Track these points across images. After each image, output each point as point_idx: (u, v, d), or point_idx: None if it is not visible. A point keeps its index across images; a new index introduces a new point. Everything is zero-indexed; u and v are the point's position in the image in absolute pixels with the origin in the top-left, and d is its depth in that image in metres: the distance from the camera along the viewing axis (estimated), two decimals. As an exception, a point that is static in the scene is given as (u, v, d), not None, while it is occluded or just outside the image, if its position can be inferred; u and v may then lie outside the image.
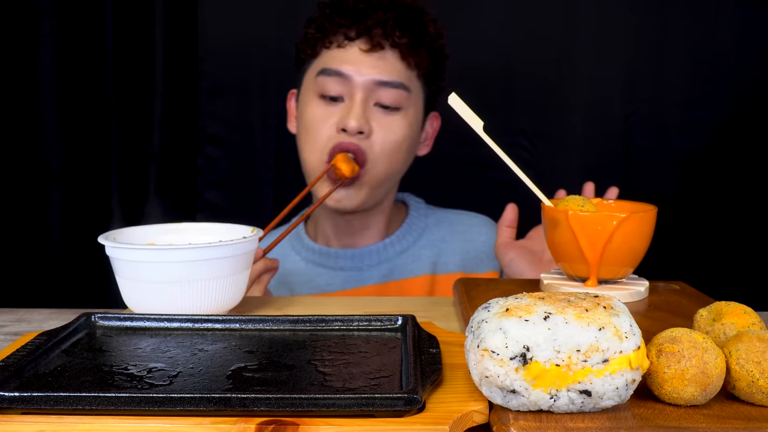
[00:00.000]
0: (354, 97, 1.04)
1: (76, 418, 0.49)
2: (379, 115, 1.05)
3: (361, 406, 0.49)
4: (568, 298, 0.50)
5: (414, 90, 1.07)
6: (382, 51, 1.04)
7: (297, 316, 0.68)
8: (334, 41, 1.06)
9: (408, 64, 1.06)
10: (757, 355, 0.49)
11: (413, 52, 1.05)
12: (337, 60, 1.05)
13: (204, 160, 1.43)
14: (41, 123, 1.37)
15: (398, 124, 1.05)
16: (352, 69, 1.04)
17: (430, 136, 1.16)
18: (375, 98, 1.05)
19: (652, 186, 1.40)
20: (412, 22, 1.06)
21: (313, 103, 1.07)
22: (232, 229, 0.81)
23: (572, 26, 1.39)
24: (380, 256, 1.14)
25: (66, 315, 0.80)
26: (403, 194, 1.22)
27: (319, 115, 1.06)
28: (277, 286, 1.13)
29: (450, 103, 0.75)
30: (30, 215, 1.39)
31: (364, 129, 1.03)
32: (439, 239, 1.17)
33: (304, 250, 1.16)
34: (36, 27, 1.34)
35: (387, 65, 1.04)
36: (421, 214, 1.19)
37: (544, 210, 0.77)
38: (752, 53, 1.37)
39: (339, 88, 1.05)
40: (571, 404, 0.48)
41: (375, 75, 1.04)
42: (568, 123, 1.40)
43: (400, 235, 1.16)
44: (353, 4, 1.06)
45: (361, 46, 1.04)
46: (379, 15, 1.04)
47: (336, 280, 1.13)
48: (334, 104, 1.05)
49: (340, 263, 1.14)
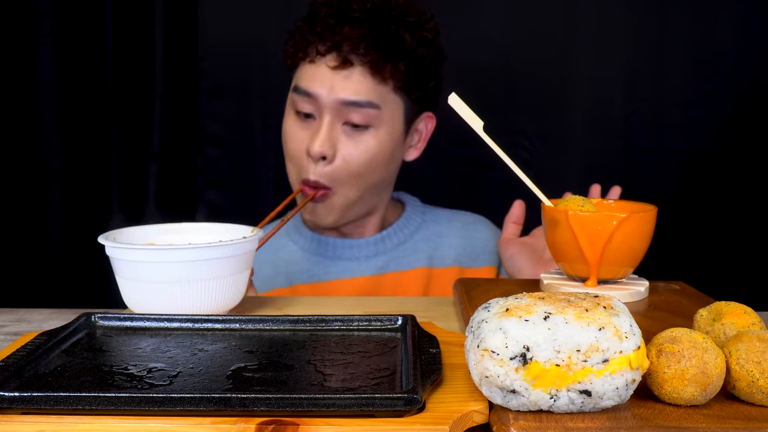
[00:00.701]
0: (322, 118, 1.04)
1: (76, 418, 0.49)
2: (346, 137, 1.04)
3: (361, 406, 0.49)
4: (568, 298, 0.50)
5: (387, 105, 1.05)
6: (351, 67, 1.02)
7: (297, 316, 0.68)
8: (307, 56, 1.06)
9: (380, 79, 1.03)
10: (757, 355, 0.49)
11: (383, 68, 1.03)
12: (307, 78, 1.05)
13: (204, 160, 1.43)
14: (41, 123, 1.37)
15: (367, 143, 1.05)
16: (321, 88, 1.03)
17: (423, 138, 1.14)
18: (343, 118, 1.04)
19: (652, 186, 1.40)
20: (383, 36, 1.03)
21: (290, 117, 1.08)
22: (232, 229, 0.81)
23: (572, 26, 1.39)
24: (377, 248, 1.14)
25: (66, 315, 0.80)
26: (398, 193, 1.22)
27: (293, 133, 1.07)
28: (274, 276, 1.13)
29: (450, 103, 0.75)
30: (30, 215, 1.39)
31: (327, 154, 1.03)
32: (436, 234, 1.18)
33: (301, 239, 1.16)
34: (36, 27, 1.34)
35: (355, 83, 1.03)
36: (418, 211, 1.20)
37: (544, 210, 0.77)
38: (752, 53, 1.37)
39: (309, 107, 1.05)
40: (571, 404, 0.48)
41: (342, 95, 1.02)
42: (568, 123, 1.40)
43: (396, 228, 1.16)
44: (323, 17, 1.04)
45: (329, 63, 1.03)
46: (347, 30, 1.02)
47: (333, 269, 1.13)
48: (307, 122, 1.06)
49: (337, 252, 1.14)
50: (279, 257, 1.15)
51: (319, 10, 1.06)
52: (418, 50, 1.06)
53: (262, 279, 1.12)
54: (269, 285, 1.13)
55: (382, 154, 1.07)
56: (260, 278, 1.12)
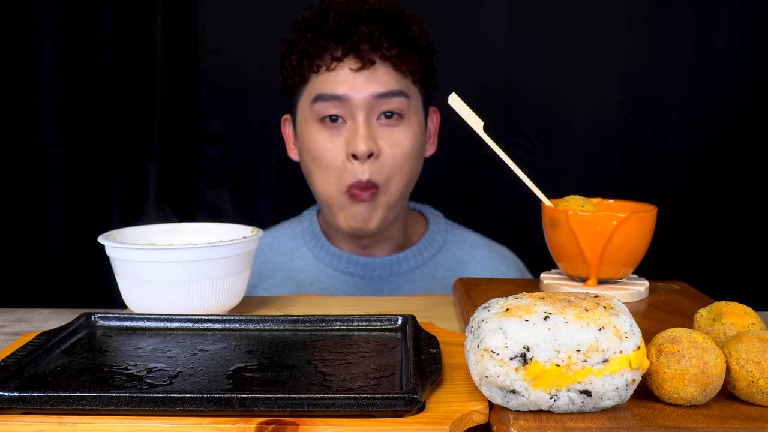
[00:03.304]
0: (356, 118, 1.00)
1: (76, 418, 0.49)
2: (383, 131, 1.02)
3: (361, 406, 0.49)
4: (568, 298, 0.50)
5: (413, 95, 1.04)
6: (373, 66, 1.00)
7: (297, 316, 0.68)
8: (322, 65, 1.01)
9: (402, 73, 1.02)
10: (757, 355, 0.49)
11: (405, 61, 1.02)
12: (330, 84, 1.01)
13: (204, 160, 1.43)
14: (41, 123, 1.37)
15: (404, 135, 1.03)
16: (348, 89, 1.00)
17: (433, 133, 1.13)
18: (377, 111, 1.01)
19: (652, 186, 1.40)
20: (397, 30, 1.02)
21: (314, 130, 1.03)
22: (232, 229, 0.81)
23: (572, 26, 1.39)
24: (392, 269, 1.11)
25: (66, 315, 0.80)
26: (422, 206, 1.18)
27: (325, 143, 1.02)
28: (283, 281, 1.11)
29: (450, 103, 0.75)
30: (30, 215, 1.39)
31: (374, 150, 1.00)
32: (457, 259, 1.13)
33: (317, 247, 1.13)
34: (36, 27, 1.34)
35: (382, 78, 1.01)
36: (441, 230, 1.15)
37: (544, 210, 0.77)
38: (752, 53, 1.37)
39: (338, 110, 1.01)
40: (571, 404, 0.48)
41: (372, 89, 1.00)
42: (568, 123, 1.40)
43: (416, 251, 1.12)
44: (333, 21, 1.01)
45: (351, 66, 1.00)
46: (363, 29, 1.00)
47: (344, 285, 1.10)
48: (336, 127, 1.02)
49: (351, 269, 1.11)
50: (292, 262, 1.12)
51: (326, 16, 1.02)
52: (425, 41, 1.06)
53: (273, 283, 1.11)
54: (279, 290, 1.10)
55: (417, 144, 1.05)
56: (270, 283, 1.11)
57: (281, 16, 1.39)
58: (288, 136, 1.13)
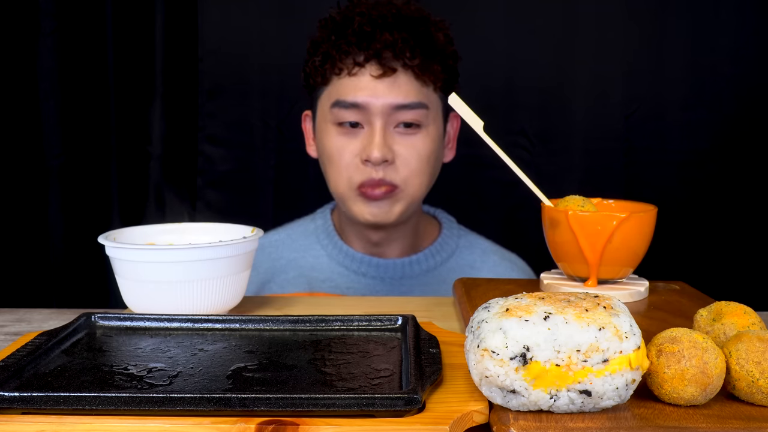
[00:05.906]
0: (373, 125, 1.01)
1: (76, 418, 0.49)
2: (400, 138, 1.02)
3: (361, 406, 0.49)
4: (568, 298, 0.50)
5: (433, 105, 1.04)
6: (394, 74, 1.00)
7: (297, 316, 0.68)
8: (344, 68, 1.01)
9: (423, 82, 1.02)
10: (757, 355, 0.49)
11: (427, 70, 1.01)
12: (350, 90, 1.01)
13: (204, 160, 1.43)
14: (41, 123, 1.37)
15: (421, 142, 1.03)
16: (368, 97, 1.00)
17: (452, 138, 1.12)
18: (394, 121, 1.01)
19: (652, 186, 1.40)
20: (421, 38, 1.02)
21: (331, 133, 1.04)
22: (232, 229, 0.81)
23: (572, 26, 1.39)
24: (404, 271, 1.11)
25: (66, 315, 0.80)
26: (435, 210, 1.19)
27: (339, 146, 1.03)
28: (295, 278, 1.11)
29: (450, 103, 0.75)
30: (30, 215, 1.39)
31: (388, 157, 1.00)
32: (468, 264, 1.13)
33: (330, 245, 1.13)
34: (36, 27, 1.34)
35: (402, 88, 1.00)
36: (454, 234, 1.15)
37: (544, 210, 0.77)
38: (752, 53, 1.37)
39: (356, 116, 1.01)
40: (571, 404, 0.48)
41: (391, 99, 1.00)
42: (568, 123, 1.41)
43: (428, 254, 1.12)
44: (358, 26, 1.01)
45: (372, 72, 1.00)
46: (387, 37, 0.99)
47: (357, 285, 1.10)
48: (353, 131, 1.02)
49: (363, 269, 1.11)
50: (305, 260, 1.12)
51: (352, 20, 1.02)
52: (449, 48, 1.05)
53: (285, 280, 1.11)
54: (291, 287, 1.10)
55: (434, 153, 1.05)
56: (283, 279, 1.11)
57: (281, 16, 1.39)
58: (308, 132, 1.14)
